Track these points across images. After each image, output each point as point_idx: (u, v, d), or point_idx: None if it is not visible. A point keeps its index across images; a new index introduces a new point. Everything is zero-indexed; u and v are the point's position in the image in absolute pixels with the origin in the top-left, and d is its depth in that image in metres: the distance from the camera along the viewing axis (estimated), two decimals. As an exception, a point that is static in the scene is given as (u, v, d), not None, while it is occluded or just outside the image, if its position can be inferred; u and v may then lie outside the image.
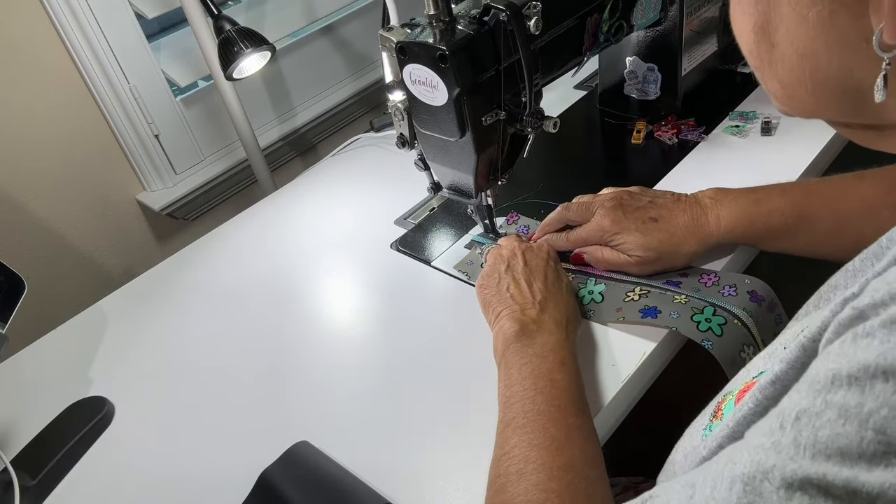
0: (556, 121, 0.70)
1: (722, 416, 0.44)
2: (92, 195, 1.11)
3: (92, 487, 0.69)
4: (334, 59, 1.34)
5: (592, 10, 0.77)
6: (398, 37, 0.68)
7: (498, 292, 0.69)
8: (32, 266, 1.07)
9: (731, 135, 0.94)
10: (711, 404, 0.48)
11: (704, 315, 0.66)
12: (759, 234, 0.70)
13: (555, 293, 0.68)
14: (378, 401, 0.70)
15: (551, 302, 0.66)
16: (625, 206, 0.72)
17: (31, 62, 0.99)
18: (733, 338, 0.65)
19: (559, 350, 0.61)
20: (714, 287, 0.71)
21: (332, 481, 0.61)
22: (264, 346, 0.80)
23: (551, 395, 0.56)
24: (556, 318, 0.64)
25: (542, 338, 0.62)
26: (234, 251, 0.97)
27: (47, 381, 0.82)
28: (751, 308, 0.67)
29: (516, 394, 0.58)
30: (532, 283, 0.68)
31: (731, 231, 0.70)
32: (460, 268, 0.84)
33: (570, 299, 0.69)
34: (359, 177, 1.08)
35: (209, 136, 1.20)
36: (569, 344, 0.63)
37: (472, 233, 0.88)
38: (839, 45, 0.35)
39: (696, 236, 0.71)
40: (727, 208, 0.70)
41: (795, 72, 0.38)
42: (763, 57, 0.39)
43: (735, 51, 1.05)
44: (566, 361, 0.60)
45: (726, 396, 0.46)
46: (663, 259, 0.71)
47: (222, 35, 0.98)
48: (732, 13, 0.41)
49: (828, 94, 0.38)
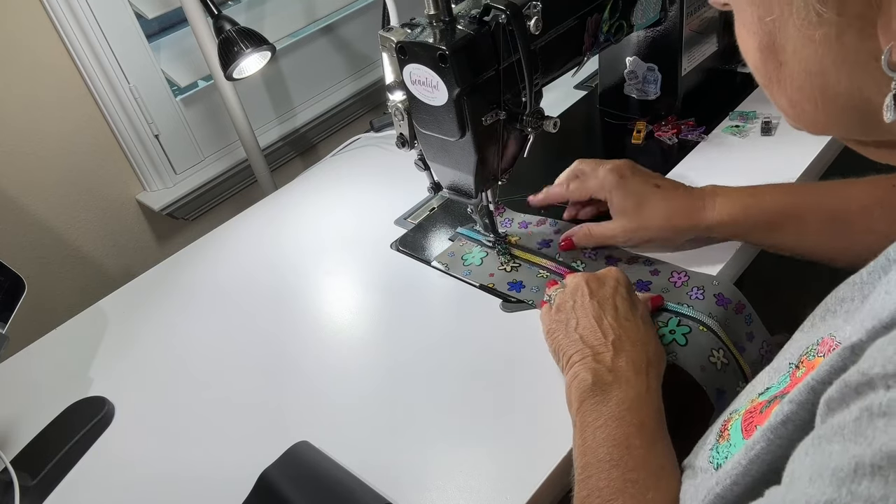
0: (556, 121, 0.70)
1: (729, 437, 0.43)
2: (92, 195, 1.11)
3: (92, 487, 0.68)
4: (334, 59, 1.34)
5: (592, 10, 0.77)
6: (398, 37, 0.68)
7: (567, 334, 0.63)
8: (32, 266, 1.07)
9: (731, 135, 0.94)
10: (717, 422, 0.47)
11: (668, 327, 0.68)
12: (751, 225, 0.71)
13: (629, 328, 0.62)
14: (378, 401, 0.70)
15: (627, 340, 0.60)
16: (633, 167, 0.76)
17: (30, 62, 0.99)
18: (699, 344, 0.66)
19: (639, 409, 0.55)
20: (683, 288, 0.72)
21: (332, 481, 0.61)
22: (264, 345, 0.80)
23: (627, 468, 0.51)
24: (635, 362, 0.59)
25: (618, 392, 0.56)
26: (233, 251, 0.97)
27: (47, 381, 0.82)
28: (717, 312, 0.69)
29: (590, 465, 0.53)
30: (602, 319, 0.62)
31: (726, 218, 0.71)
32: (441, 259, 0.84)
33: (649, 332, 0.63)
34: (359, 177, 1.08)
35: (209, 136, 1.20)
36: (650, 396, 0.57)
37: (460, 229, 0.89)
38: (847, 65, 0.35)
39: (689, 215, 0.72)
40: (724, 197, 0.72)
41: (805, 90, 0.38)
42: (770, 75, 0.39)
43: (735, 51, 1.05)
44: (646, 422, 0.54)
45: (732, 415, 0.45)
46: (650, 227, 0.73)
47: (222, 35, 0.98)
48: (738, 31, 0.40)
49: (837, 111, 0.38)
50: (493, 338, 0.73)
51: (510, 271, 0.80)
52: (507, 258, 0.81)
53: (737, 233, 0.73)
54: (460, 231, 0.88)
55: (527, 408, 0.65)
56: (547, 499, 0.59)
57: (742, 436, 0.42)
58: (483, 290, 0.79)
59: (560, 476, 0.59)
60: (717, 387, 0.64)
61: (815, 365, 0.39)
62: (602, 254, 0.79)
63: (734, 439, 0.43)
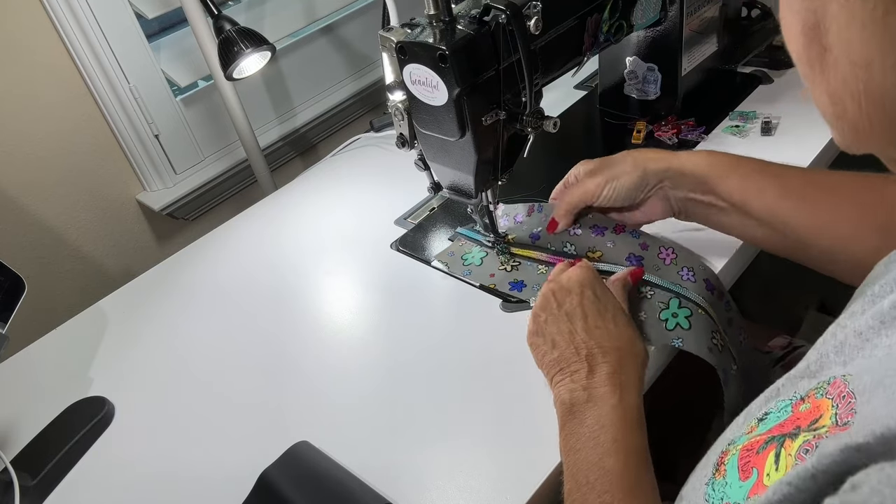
0: (556, 121, 0.70)
1: (725, 474, 0.41)
2: (92, 195, 1.11)
3: (92, 487, 0.69)
4: (334, 59, 1.34)
5: (592, 10, 0.77)
6: (398, 37, 0.68)
7: (544, 354, 0.64)
8: (32, 266, 1.07)
9: (731, 135, 0.94)
10: (714, 451, 0.46)
11: (671, 310, 0.68)
12: (720, 175, 0.67)
13: (600, 336, 0.62)
14: (378, 401, 0.70)
15: (599, 352, 0.61)
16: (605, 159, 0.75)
17: (30, 62, 0.99)
18: (702, 327, 0.67)
19: (612, 425, 0.56)
20: (673, 266, 0.72)
21: (332, 481, 0.61)
22: (264, 345, 0.80)
23: (602, 490, 0.53)
24: (608, 373, 0.59)
25: (594, 411, 0.57)
26: (234, 251, 0.97)
27: (47, 381, 0.82)
28: (706, 296, 0.70)
29: (573, 490, 0.55)
30: (574, 334, 0.62)
31: (698, 161, 0.69)
32: (441, 258, 0.84)
33: (622, 332, 0.63)
34: (359, 177, 1.08)
35: (209, 136, 1.20)
36: (623, 407, 0.57)
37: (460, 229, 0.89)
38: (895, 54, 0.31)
39: (663, 157, 0.71)
40: (698, 152, 0.71)
41: (848, 83, 0.33)
42: (813, 63, 0.35)
43: (735, 51, 1.06)
44: (618, 438, 0.55)
45: (729, 447, 0.43)
46: (624, 173, 0.71)
47: (222, 35, 0.98)
48: (781, 12, 0.37)
49: (882, 116, 0.33)
50: (494, 338, 0.73)
51: (511, 271, 0.80)
52: (507, 257, 0.81)
53: (707, 184, 0.69)
54: (460, 231, 0.88)
55: (527, 408, 0.65)
56: (547, 499, 0.59)
57: (738, 475, 0.41)
58: (483, 291, 0.79)
59: (560, 476, 0.59)
60: (723, 367, 0.65)
61: (821, 407, 0.37)
62: (587, 223, 0.78)
63: (730, 478, 0.41)
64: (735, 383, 0.67)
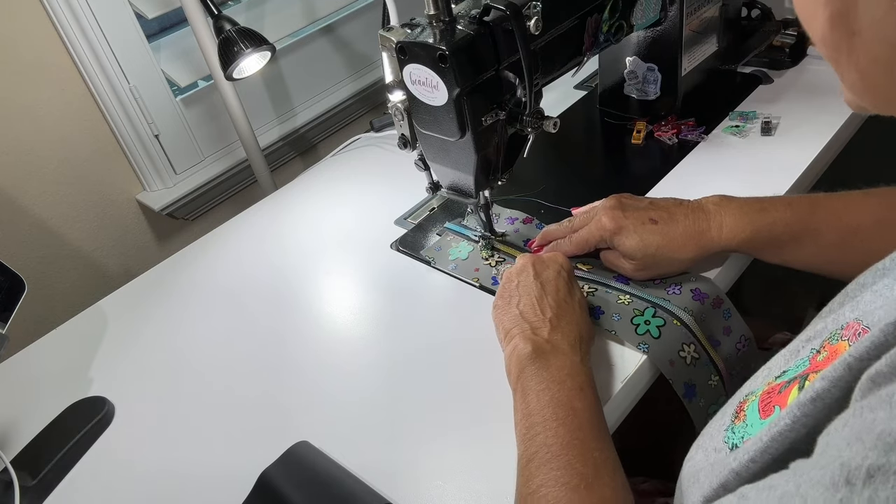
0: (556, 121, 0.70)
1: (745, 418, 0.43)
2: (92, 195, 1.11)
3: (92, 487, 0.69)
4: (334, 59, 1.34)
5: (592, 10, 0.77)
6: (398, 37, 0.68)
7: (508, 311, 0.66)
8: (32, 266, 1.07)
9: (731, 135, 0.94)
10: (731, 403, 0.47)
11: (644, 317, 0.68)
12: (762, 244, 0.68)
13: (566, 309, 0.65)
14: (378, 401, 0.70)
15: (563, 319, 0.64)
16: (625, 205, 0.71)
17: (31, 62, 0.99)
18: (671, 338, 0.66)
19: (577, 375, 0.58)
20: (661, 285, 0.72)
21: (332, 481, 0.61)
22: (264, 345, 0.80)
23: (574, 427, 0.54)
24: (570, 339, 0.62)
25: (557, 360, 0.60)
26: (233, 251, 0.97)
27: (47, 381, 0.82)
28: (693, 306, 0.69)
29: (537, 424, 0.55)
30: (543, 298, 0.65)
31: (734, 238, 0.68)
32: (427, 253, 0.85)
33: (584, 315, 0.66)
34: (359, 177, 1.08)
35: (209, 136, 1.20)
36: (584, 367, 0.60)
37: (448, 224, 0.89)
38: None
39: (696, 242, 0.69)
40: (731, 215, 0.68)
41: (881, 61, 0.35)
42: (839, 45, 0.36)
43: (735, 51, 1.06)
44: (584, 387, 0.58)
45: (748, 397, 0.44)
46: (660, 265, 0.70)
47: (222, 35, 0.98)
48: (800, 2, 0.38)
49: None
50: (494, 338, 0.73)
51: (494, 266, 0.81)
52: (490, 252, 0.82)
53: (747, 251, 0.70)
54: (447, 226, 0.89)
55: (527, 408, 0.65)
56: (547, 499, 0.59)
57: (759, 416, 0.41)
58: (483, 291, 0.79)
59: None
60: (684, 381, 0.65)
61: (839, 349, 0.38)
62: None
63: (751, 419, 0.42)
64: (714, 393, 0.67)
